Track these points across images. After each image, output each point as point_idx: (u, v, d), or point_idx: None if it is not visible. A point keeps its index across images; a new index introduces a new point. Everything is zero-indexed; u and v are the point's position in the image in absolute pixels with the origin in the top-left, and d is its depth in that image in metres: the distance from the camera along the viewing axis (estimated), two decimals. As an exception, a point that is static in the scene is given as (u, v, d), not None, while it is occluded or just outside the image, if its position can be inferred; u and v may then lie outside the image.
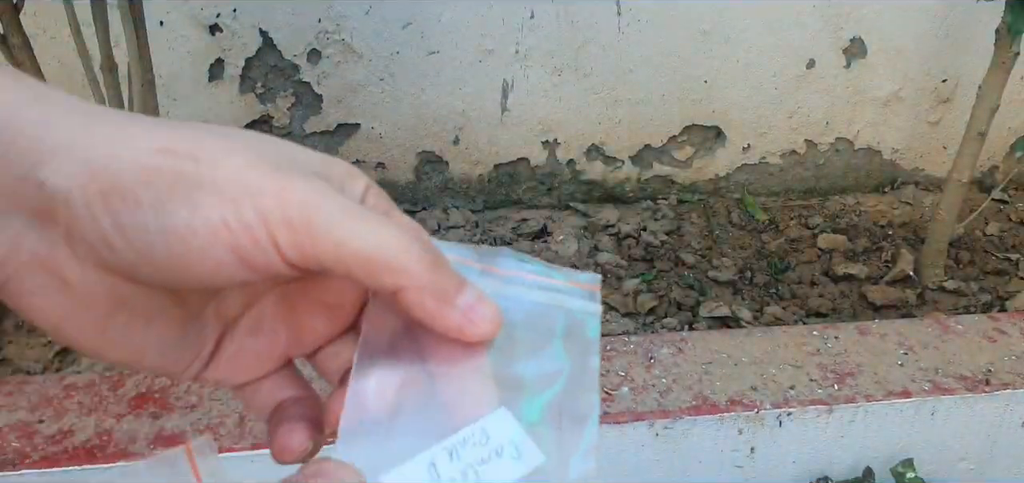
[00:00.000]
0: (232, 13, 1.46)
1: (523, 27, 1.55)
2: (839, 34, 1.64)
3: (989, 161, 1.84)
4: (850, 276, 1.50)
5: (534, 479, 0.30)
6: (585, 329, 0.34)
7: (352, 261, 0.28)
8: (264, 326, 0.35)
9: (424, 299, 0.30)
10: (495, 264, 0.34)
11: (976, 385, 1.05)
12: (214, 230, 0.27)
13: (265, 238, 0.27)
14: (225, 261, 0.28)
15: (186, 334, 0.32)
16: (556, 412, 0.32)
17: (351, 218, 0.28)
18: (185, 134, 0.28)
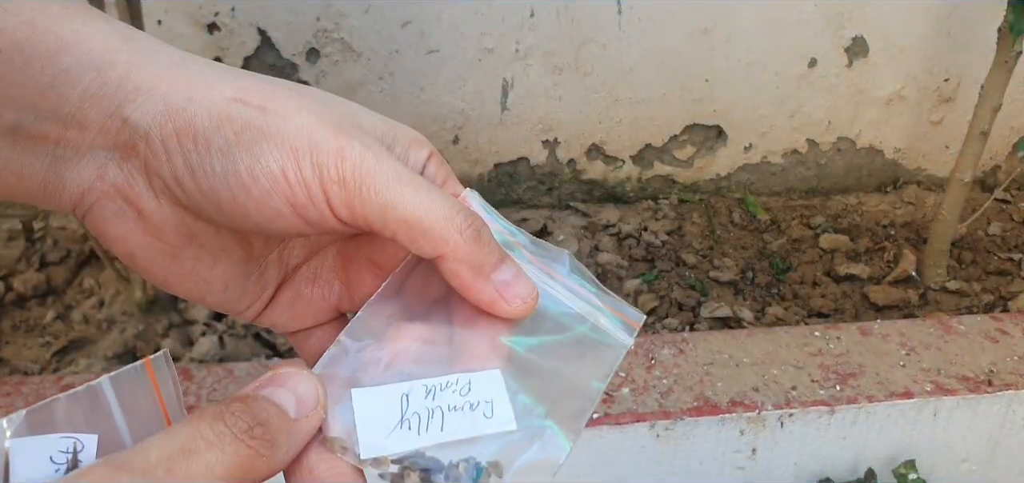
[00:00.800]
0: (230, 12, 1.45)
1: (523, 26, 1.54)
2: (841, 33, 1.63)
3: (991, 161, 1.84)
4: (852, 276, 1.49)
5: (494, 441, 0.31)
6: (608, 350, 0.34)
7: (396, 225, 0.30)
8: (322, 277, 0.36)
9: (461, 269, 0.31)
10: (551, 267, 0.35)
11: (978, 386, 1.05)
12: (273, 180, 0.29)
13: (319, 193, 0.29)
14: (282, 211, 0.29)
15: (249, 276, 0.34)
16: (550, 399, 0.32)
17: (401, 183, 0.30)
18: (260, 86, 0.30)
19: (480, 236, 0.31)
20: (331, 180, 0.29)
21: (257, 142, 0.29)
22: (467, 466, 0.30)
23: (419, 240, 0.30)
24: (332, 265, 0.37)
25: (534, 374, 0.32)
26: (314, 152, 0.29)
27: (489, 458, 0.30)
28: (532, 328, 0.33)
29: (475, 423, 0.31)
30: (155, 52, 0.30)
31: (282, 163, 0.29)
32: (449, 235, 0.30)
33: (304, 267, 0.36)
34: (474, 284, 0.31)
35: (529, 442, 0.31)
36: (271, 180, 0.29)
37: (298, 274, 0.36)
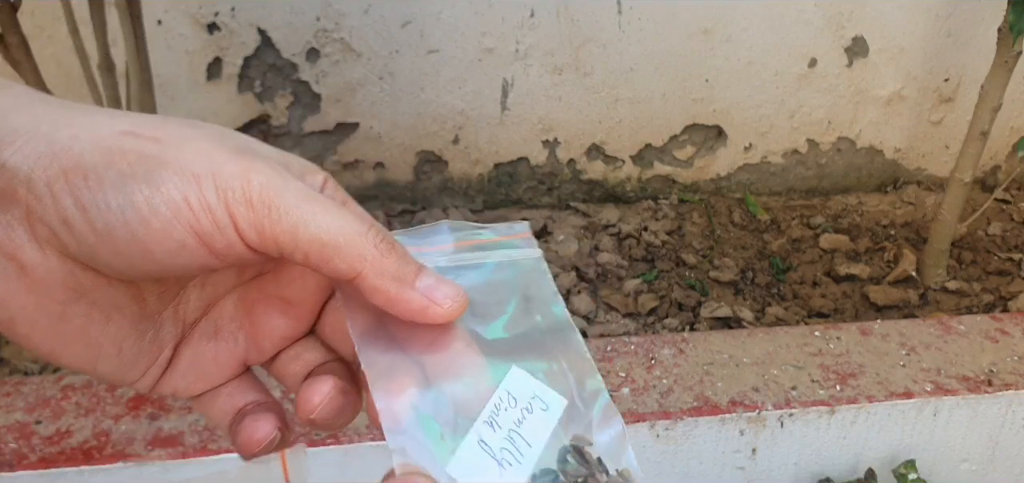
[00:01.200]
0: (230, 12, 1.45)
1: (523, 26, 1.54)
2: (841, 33, 1.64)
3: (991, 161, 1.84)
4: (852, 276, 1.49)
5: (569, 424, 0.32)
6: (535, 273, 0.36)
7: (309, 244, 0.28)
8: (223, 329, 0.34)
9: (384, 283, 0.29)
10: (436, 242, 0.35)
11: (978, 386, 1.05)
12: (175, 208, 0.27)
13: (225, 217, 0.27)
14: (186, 243, 0.28)
15: (144, 335, 0.32)
16: (549, 355, 0.34)
17: (310, 203, 0.29)
18: (150, 120, 0.29)
19: (395, 248, 0.30)
20: (237, 202, 0.27)
21: (154, 171, 0.27)
22: (578, 454, 0.31)
23: (333, 259, 0.29)
24: (233, 314, 0.34)
25: (519, 344, 0.33)
26: (217, 176, 0.27)
27: (578, 439, 0.32)
28: (476, 310, 0.33)
29: (543, 421, 0.32)
30: (32, 97, 0.28)
31: (183, 190, 0.27)
32: (366, 249, 0.29)
33: (202, 321, 0.34)
34: (401, 295, 0.30)
35: (586, 405, 0.33)
36: (173, 208, 0.27)
37: (197, 330, 0.34)
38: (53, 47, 1.44)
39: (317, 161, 1.60)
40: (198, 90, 1.51)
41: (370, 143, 1.61)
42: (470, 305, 0.32)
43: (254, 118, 1.55)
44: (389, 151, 1.62)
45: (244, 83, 1.51)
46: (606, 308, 1.39)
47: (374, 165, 1.63)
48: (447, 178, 1.67)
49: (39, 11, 1.41)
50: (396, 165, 1.64)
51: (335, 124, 1.58)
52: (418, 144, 1.63)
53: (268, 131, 1.57)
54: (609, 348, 1.08)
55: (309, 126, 1.57)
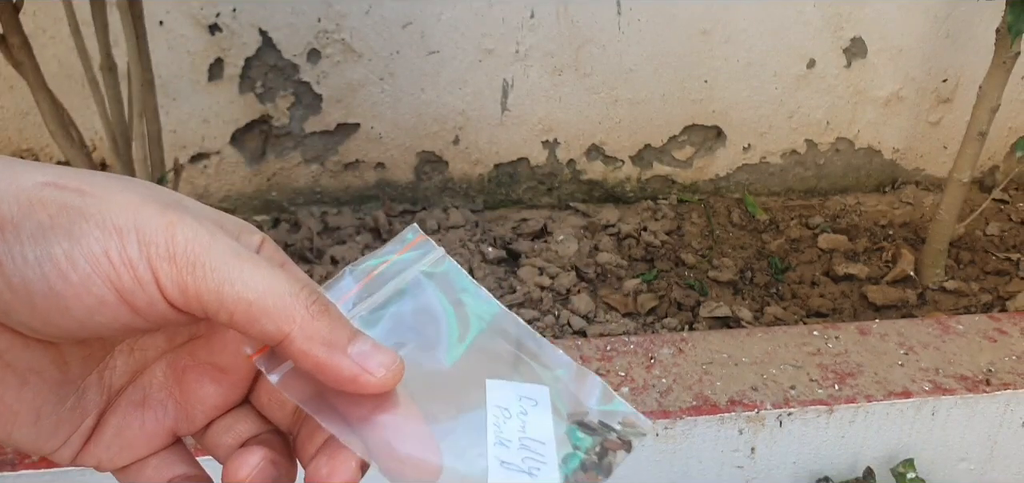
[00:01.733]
0: (232, 13, 1.45)
1: (523, 27, 1.55)
2: (840, 34, 1.64)
3: (990, 161, 1.84)
4: (850, 276, 1.50)
5: (561, 401, 0.32)
6: (449, 273, 0.35)
7: (235, 304, 0.27)
8: (152, 398, 0.32)
9: (314, 347, 0.28)
10: (342, 292, 0.33)
11: (977, 385, 1.05)
12: (95, 262, 0.26)
13: (147, 273, 0.26)
14: (106, 299, 0.26)
15: (65, 401, 0.29)
16: (506, 348, 0.33)
17: (238, 260, 0.27)
18: (76, 172, 0.27)
19: (328, 310, 0.28)
20: (160, 257, 0.26)
21: (76, 223, 0.26)
22: (583, 427, 0.32)
23: (261, 320, 0.27)
24: (162, 382, 0.32)
25: (478, 355, 0.33)
26: (140, 229, 0.26)
27: (575, 414, 0.32)
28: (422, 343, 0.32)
29: (540, 417, 0.32)
30: None
31: (104, 243, 0.26)
32: (295, 311, 0.27)
33: (130, 389, 0.32)
34: (331, 361, 0.28)
35: (560, 379, 0.33)
36: (92, 262, 0.25)
37: (123, 398, 0.31)
38: (55, 47, 1.45)
39: (318, 161, 1.61)
40: (199, 91, 1.51)
41: (371, 143, 1.61)
42: (415, 343, 0.32)
43: (255, 119, 1.55)
44: (390, 151, 1.63)
45: (245, 84, 1.52)
46: (605, 308, 1.40)
47: (375, 165, 1.64)
48: (448, 178, 1.68)
49: (41, 12, 1.41)
50: (397, 165, 1.64)
51: (336, 124, 1.58)
52: (419, 144, 1.63)
53: (269, 132, 1.57)
54: (608, 348, 1.08)
55: (310, 127, 1.57)
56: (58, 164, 0.28)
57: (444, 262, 0.35)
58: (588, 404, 0.33)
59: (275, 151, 1.59)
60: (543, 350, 0.34)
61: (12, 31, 1.02)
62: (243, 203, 1.63)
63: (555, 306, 1.38)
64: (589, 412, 0.33)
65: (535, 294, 1.39)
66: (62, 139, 1.09)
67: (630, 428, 0.32)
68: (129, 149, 1.13)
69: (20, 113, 1.51)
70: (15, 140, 1.54)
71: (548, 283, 1.43)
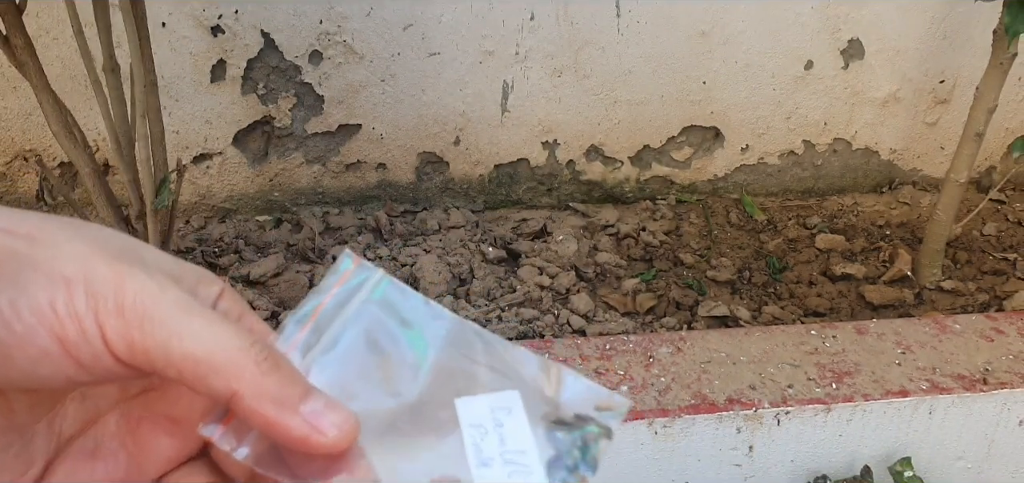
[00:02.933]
0: (234, 14, 1.46)
1: (523, 28, 1.55)
2: (837, 35, 1.65)
3: (987, 161, 1.85)
4: (848, 276, 1.50)
5: (533, 402, 0.31)
6: (393, 294, 0.33)
7: (182, 361, 0.26)
8: (103, 448, 0.31)
9: (263, 406, 0.27)
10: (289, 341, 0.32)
11: (974, 384, 1.06)
12: (40, 314, 0.25)
13: (93, 327, 0.25)
14: (50, 350, 0.25)
15: (8, 448, 0.28)
16: (467, 361, 0.32)
17: (187, 315, 0.26)
18: (27, 218, 0.26)
19: (279, 366, 0.27)
20: (108, 311, 0.25)
21: (22, 272, 0.25)
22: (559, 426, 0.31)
23: (209, 377, 0.26)
24: (115, 432, 0.31)
25: (441, 376, 0.32)
26: (89, 282, 0.25)
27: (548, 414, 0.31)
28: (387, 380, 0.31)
29: (516, 424, 0.31)
30: None
31: (50, 295, 0.25)
32: (243, 367, 0.26)
33: (81, 439, 0.30)
34: (280, 420, 0.27)
35: (527, 379, 0.32)
36: (37, 314, 0.25)
37: (73, 447, 0.30)
38: (58, 48, 1.45)
39: (320, 162, 1.61)
40: (202, 92, 1.52)
41: (372, 144, 1.62)
42: (374, 381, 0.31)
43: (257, 120, 1.56)
44: (391, 152, 1.63)
45: (248, 85, 1.53)
46: (605, 307, 1.41)
47: (376, 166, 1.64)
48: (448, 179, 1.68)
49: (44, 13, 1.42)
50: (398, 166, 1.65)
51: (338, 125, 1.59)
52: (420, 145, 1.64)
53: (272, 133, 1.58)
54: (608, 347, 1.09)
55: (312, 128, 1.58)
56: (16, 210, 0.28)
57: (384, 284, 0.33)
58: (560, 397, 0.32)
59: (277, 152, 1.60)
60: (504, 351, 0.33)
61: (15, 32, 1.02)
62: (245, 203, 1.64)
63: (555, 306, 1.38)
64: (561, 406, 0.32)
65: (535, 294, 1.40)
66: (65, 140, 1.10)
67: (606, 411, 0.31)
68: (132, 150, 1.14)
69: (23, 114, 1.52)
70: (18, 141, 1.55)
71: (548, 283, 1.43)
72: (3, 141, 1.54)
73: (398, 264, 1.47)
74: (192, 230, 1.57)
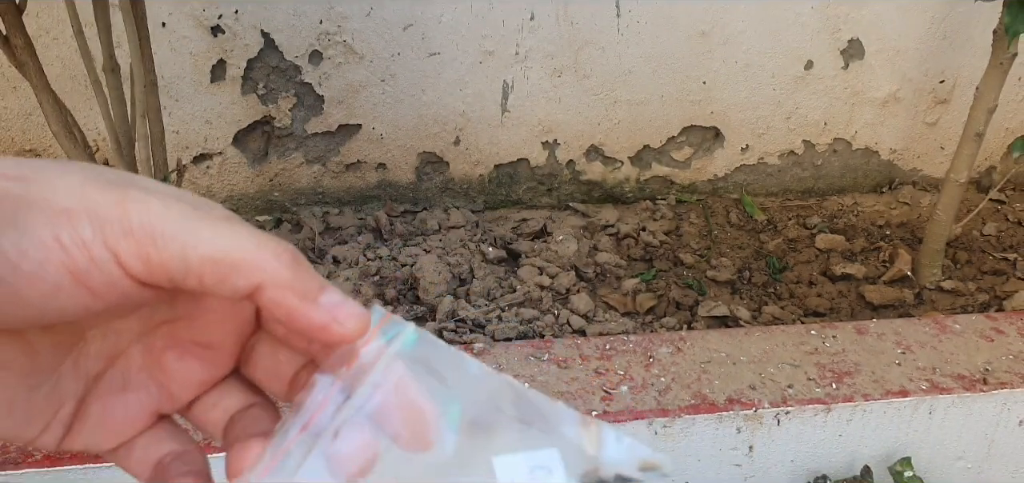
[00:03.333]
0: (234, 14, 1.46)
1: (523, 28, 1.55)
2: (837, 36, 1.65)
3: (987, 161, 1.85)
4: (848, 276, 1.50)
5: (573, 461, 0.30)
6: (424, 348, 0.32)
7: (202, 265, 0.26)
8: (132, 381, 0.31)
9: (285, 296, 0.27)
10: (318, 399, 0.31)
11: (974, 384, 1.06)
12: (46, 249, 0.25)
13: (104, 253, 0.25)
14: (62, 285, 0.25)
15: (37, 389, 0.29)
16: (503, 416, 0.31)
17: (197, 222, 0.26)
18: (19, 161, 0.27)
19: (298, 262, 0.28)
20: (116, 235, 0.25)
21: (20, 212, 0.25)
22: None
23: (231, 276, 0.26)
24: (141, 364, 0.31)
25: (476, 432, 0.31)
26: (91, 210, 0.25)
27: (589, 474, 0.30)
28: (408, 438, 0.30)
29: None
30: None
31: (53, 229, 0.25)
32: (266, 261, 0.27)
33: (108, 374, 0.31)
34: (302, 309, 0.28)
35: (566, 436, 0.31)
36: (43, 250, 0.25)
37: (102, 384, 0.31)
38: (58, 48, 1.46)
39: (320, 162, 1.61)
40: (202, 92, 1.52)
41: (372, 144, 1.62)
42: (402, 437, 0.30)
43: (257, 120, 1.56)
44: (391, 152, 1.63)
45: (248, 85, 1.53)
46: (605, 307, 1.41)
47: (376, 166, 1.64)
48: (448, 179, 1.68)
49: (44, 13, 1.42)
50: (398, 166, 1.65)
51: (338, 125, 1.59)
52: (420, 145, 1.64)
53: (272, 133, 1.58)
54: (608, 347, 1.09)
55: (312, 128, 1.58)
56: (5, 157, 0.27)
57: (414, 337, 0.32)
58: (601, 455, 0.31)
59: (277, 152, 1.60)
60: (542, 407, 0.32)
61: (16, 32, 1.02)
62: (245, 204, 1.64)
63: (555, 305, 1.38)
64: (602, 464, 0.31)
65: (535, 294, 1.40)
66: (65, 140, 1.10)
67: (649, 470, 0.31)
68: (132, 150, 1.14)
69: (23, 114, 1.52)
70: (19, 140, 1.55)
71: (548, 283, 1.43)
72: (3, 141, 1.54)
73: (398, 264, 1.47)
74: (192, 230, 1.57)
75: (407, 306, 1.35)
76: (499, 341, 1.25)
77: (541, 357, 1.07)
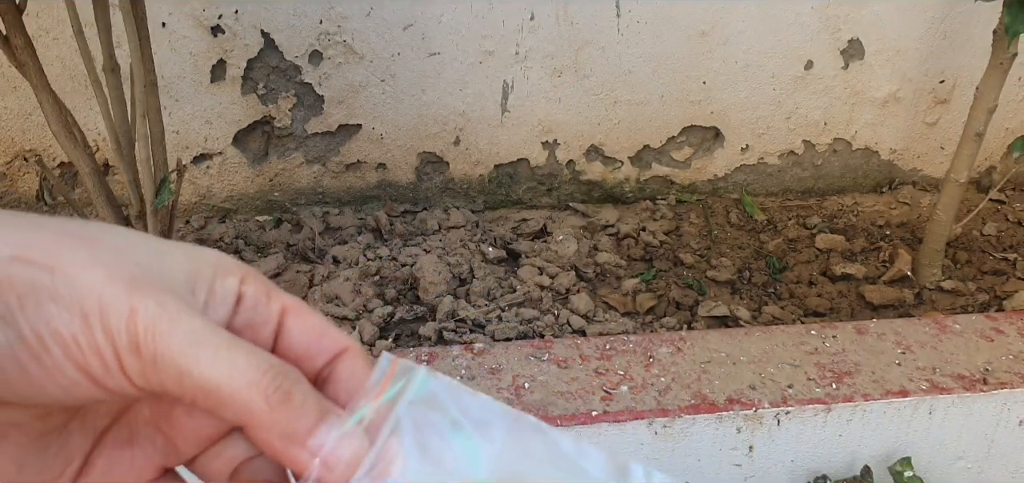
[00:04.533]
0: (234, 14, 1.46)
1: (523, 28, 1.55)
2: (837, 35, 1.65)
3: (987, 161, 1.85)
4: (848, 276, 1.50)
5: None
6: (436, 398, 0.30)
7: (195, 393, 0.27)
8: (139, 435, 0.31)
9: (271, 439, 0.27)
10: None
11: (974, 384, 1.06)
12: (65, 348, 0.26)
13: (113, 361, 0.26)
14: (79, 382, 0.26)
15: (47, 449, 0.29)
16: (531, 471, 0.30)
17: (197, 347, 0.26)
18: (44, 239, 0.27)
19: (291, 398, 0.27)
20: (124, 348, 0.26)
21: (44, 306, 0.25)
22: None
23: (220, 409, 0.27)
24: (148, 419, 0.31)
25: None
26: (104, 316, 0.26)
27: None
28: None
29: None
30: None
31: (73, 329, 0.26)
32: (252, 401, 0.27)
33: (114, 429, 0.31)
34: (287, 453, 0.27)
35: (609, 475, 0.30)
36: (63, 348, 0.26)
37: (108, 437, 0.31)
38: (58, 49, 1.46)
39: (320, 162, 1.61)
40: (202, 92, 1.52)
41: (372, 144, 1.62)
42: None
43: (257, 120, 1.56)
44: (391, 152, 1.63)
45: (248, 85, 1.53)
46: (605, 307, 1.41)
47: (376, 166, 1.64)
48: (448, 179, 1.68)
49: (44, 13, 1.42)
50: (398, 166, 1.65)
51: (338, 125, 1.59)
52: (420, 145, 1.64)
53: (272, 132, 1.58)
54: (608, 347, 1.09)
55: (312, 128, 1.58)
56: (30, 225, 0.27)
57: (428, 381, 0.30)
58: None
59: (277, 152, 1.60)
60: (568, 449, 0.30)
61: (15, 32, 1.02)
62: (245, 203, 1.64)
63: (555, 305, 1.38)
64: None
65: (535, 294, 1.40)
66: (65, 140, 1.10)
67: None
68: (132, 150, 1.14)
69: (23, 114, 1.52)
70: (18, 141, 1.55)
71: (548, 283, 1.43)
72: (3, 141, 1.54)
73: (398, 264, 1.47)
74: (192, 230, 1.57)
75: (407, 306, 1.35)
76: (499, 341, 1.25)
77: (541, 357, 1.07)
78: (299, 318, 0.31)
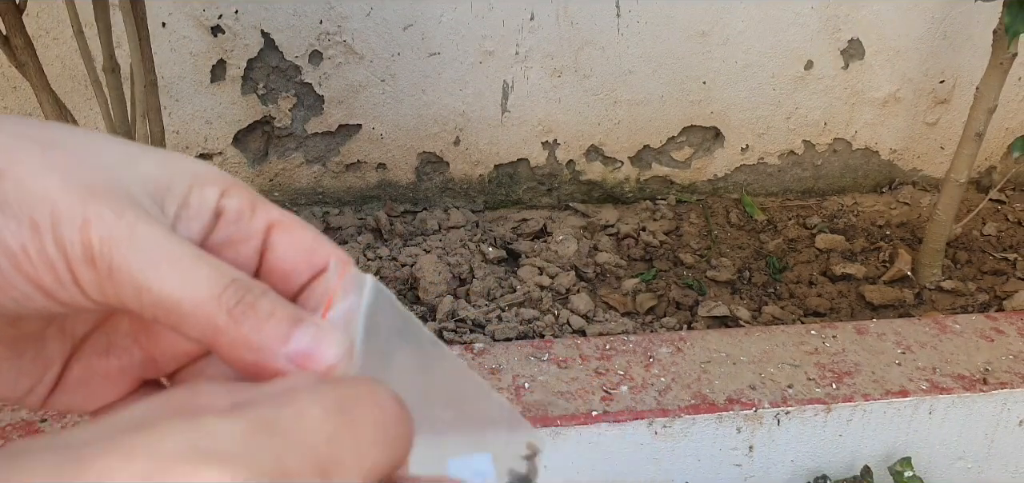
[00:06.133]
0: (234, 14, 1.46)
1: (523, 28, 1.55)
2: (837, 35, 1.65)
3: (987, 161, 1.85)
4: (848, 276, 1.50)
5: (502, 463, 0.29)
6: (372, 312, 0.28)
7: (155, 309, 0.24)
8: (116, 346, 0.30)
9: (241, 354, 0.25)
10: None
11: (974, 384, 1.06)
12: (14, 259, 0.24)
13: (66, 275, 0.24)
14: (30, 295, 0.25)
15: (23, 355, 0.28)
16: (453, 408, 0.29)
17: (156, 258, 0.24)
18: (3, 139, 0.25)
19: (255, 308, 0.25)
20: (78, 260, 0.24)
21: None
22: None
23: (182, 326, 0.25)
24: (127, 331, 0.30)
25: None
26: (56, 226, 0.24)
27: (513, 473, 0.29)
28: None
29: None
30: None
31: (22, 238, 0.24)
32: (215, 317, 0.24)
33: (93, 337, 0.30)
34: (261, 368, 0.25)
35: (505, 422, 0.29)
36: (12, 259, 0.24)
37: (87, 346, 0.30)
38: (58, 48, 1.46)
39: (320, 162, 1.61)
40: (202, 92, 1.52)
41: (372, 144, 1.62)
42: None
43: (257, 120, 1.56)
44: (391, 152, 1.63)
45: (248, 85, 1.53)
46: (605, 307, 1.41)
47: (376, 166, 1.64)
48: (448, 179, 1.68)
49: (44, 13, 1.42)
50: (398, 166, 1.65)
51: (338, 125, 1.59)
52: (420, 145, 1.64)
53: (272, 133, 1.58)
54: (608, 347, 1.09)
55: (312, 128, 1.58)
56: None
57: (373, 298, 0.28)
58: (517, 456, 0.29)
59: (277, 152, 1.60)
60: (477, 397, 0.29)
61: (15, 32, 1.02)
62: (244, 203, 1.64)
63: (555, 306, 1.38)
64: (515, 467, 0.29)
65: (535, 294, 1.40)
66: (66, 140, 1.09)
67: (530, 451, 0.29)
68: (132, 150, 1.14)
69: (23, 114, 1.52)
70: (18, 141, 1.55)
71: (548, 283, 1.43)
72: (3, 141, 1.54)
73: (398, 264, 1.47)
74: (192, 230, 1.57)
75: (407, 306, 1.36)
76: (499, 341, 1.25)
77: (541, 357, 1.07)
78: (287, 233, 0.29)
